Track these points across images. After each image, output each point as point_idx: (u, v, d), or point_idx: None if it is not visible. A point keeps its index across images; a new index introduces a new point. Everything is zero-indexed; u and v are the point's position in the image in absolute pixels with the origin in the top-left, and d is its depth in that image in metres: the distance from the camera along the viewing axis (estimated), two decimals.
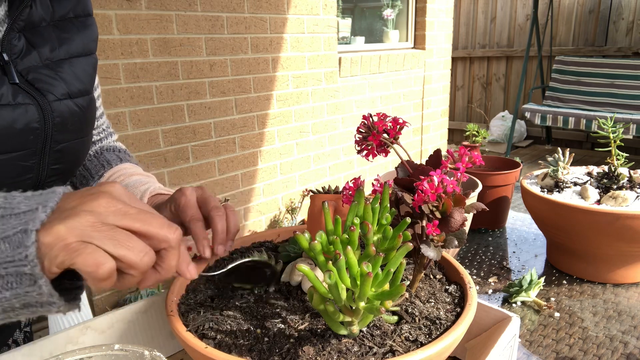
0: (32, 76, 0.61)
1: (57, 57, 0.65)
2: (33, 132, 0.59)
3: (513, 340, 0.66)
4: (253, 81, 2.86)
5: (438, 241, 0.59)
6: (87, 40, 0.70)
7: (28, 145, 0.60)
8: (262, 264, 0.66)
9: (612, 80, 4.80)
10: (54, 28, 0.66)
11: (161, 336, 0.73)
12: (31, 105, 0.59)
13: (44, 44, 0.63)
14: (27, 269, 0.39)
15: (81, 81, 0.68)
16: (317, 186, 3.39)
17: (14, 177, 0.60)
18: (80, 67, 0.68)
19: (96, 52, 0.74)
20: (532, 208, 1.11)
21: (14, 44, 0.60)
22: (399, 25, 4.02)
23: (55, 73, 0.64)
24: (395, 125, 0.68)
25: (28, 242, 0.38)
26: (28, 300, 0.41)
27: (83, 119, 0.68)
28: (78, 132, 0.68)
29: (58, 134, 0.64)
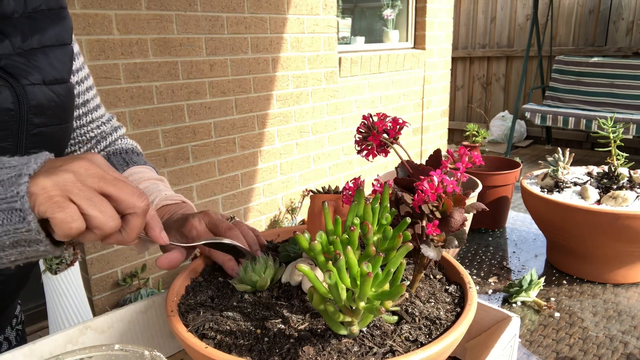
0: (4, 62, 0.63)
1: (29, 46, 0.67)
2: (7, 113, 0.62)
3: (513, 340, 0.66)
4: (253, 81, 2.86)
5: (438, 241, 0.59)
6: (60, 31, 0.72)
7: (3, 127, 0.62)
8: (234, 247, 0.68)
9: (612, 80, 4.80)
10: (27, 19, 0.68)
11: (161, 336, 0.73)
12: (5, 88, 0.62)
13: (15, 33, 0.65)
14: (18, 204, 0.43)
15: (57, 70, 0.69)
16: (317, 186, 3.39)
17: None
18: (55, 56, 0.70)
19: (72, 43, 0.76)
20: (532, 208, 1.11)
21: None
22: (399, 25, 4.02)
23: (28, 61, 0.66)
24: (395, 125, 0.68)
25: (21, 181, 0.43)
26: (17, 237, 0.44)
27: (61, 105, 0.70)
28: (56, 118, 0.70)
29: (35, 118, 0.66)
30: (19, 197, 0.43)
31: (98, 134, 0.87)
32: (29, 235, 0.44)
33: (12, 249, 0.45)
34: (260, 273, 0.65)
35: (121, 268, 2.46)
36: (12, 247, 0.45)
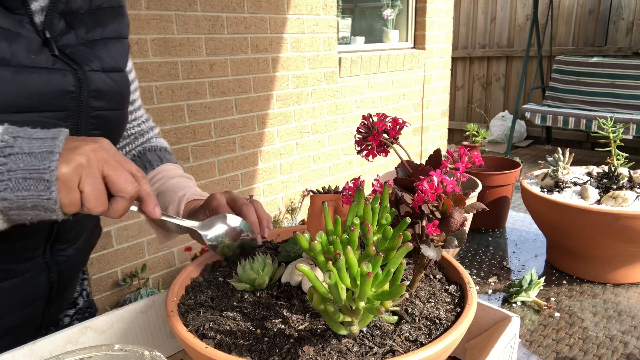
0: (69, 50, 0.71)
1: (91, 38, 0.75)
2: (69, 95, 0.68)
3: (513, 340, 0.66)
4: (253, 81, 2.86)
5: (438, 241, 0.59)
6: (119, 26, 0.80)
7: (65, 107, 0.69)
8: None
9: (612, 80, 4.80)
10: (91, 15, 0.76)
11: (161, 336, 0.73)
12: (68, 72, 0.68)
13: (80, 26, 0.73)
14: (47, 176, 0.52)
15: (114, 59, 0.77)
16: (317, 186, 3.39)
17: None
18: (113, 48, 0.78)
19: (128, 37, 0.84)
20: (532, 208, 1.11)
21: (55, 24, 0.70)
22: (399, 25, 4.02)
23: (90, 50, 0.73)
24: (395, 125, 0.68)
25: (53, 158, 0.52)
26: (38, 202, 0.52)
27: (118, 92, 0.78)
28: (114, 103, 0.77)
29: (94, 101, 0.72)
30: (49, 170, 0.52)
31: (137, 132, 0.95)
32: (47, 203, 0.52)
33: (30, 211, 0.53)
34: (258, 271, 0.66)
35: (121, 268, 2.46)
36: (31, 209, 0.53)
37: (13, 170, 0.51)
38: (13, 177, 0.51)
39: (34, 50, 0.65)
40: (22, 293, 0.74)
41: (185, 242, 2.67)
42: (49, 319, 0.84)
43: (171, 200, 0.83)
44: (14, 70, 0.62)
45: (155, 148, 0.95)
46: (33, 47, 0.65)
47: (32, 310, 0.78)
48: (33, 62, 0.64)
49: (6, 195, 0.51)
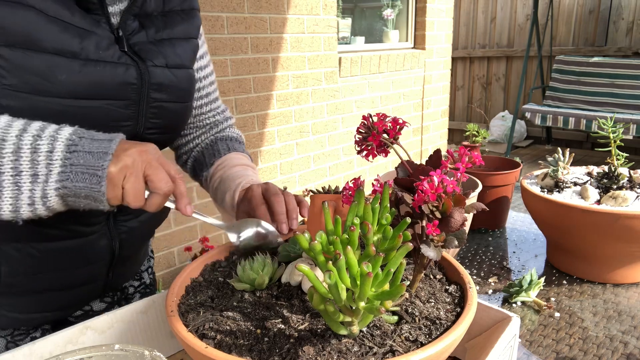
0: (138, 48, 0.79)
1: (160, 37, 0.82)
2: (130, 86, 0.76)
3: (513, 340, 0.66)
4: (253, 81, 2.86)
5: (438, 241, 0.59)
6: (188, 27, 0.87)
7: (126, 96, 0.76)
8: None
9: (612, 80, 4.80)
10: (162, 17, 0.84)
11: (161, 336, 0.73)
12: (131, 66, 0.76)
13: (151, 26, 0.81)
14: (100, 172, 0.61)
15: (179, 57, 0.84)
16: (317, 186, 3.39)
17: (116, 121, 0.77)
18: (180, 47, 0.85)
19: (197, 38, 0.91)
20: (532, 208, 1.11)
21: (129, 25, 0.78)
22: (399, 25, 4.02)
23: (157, 48, 0.81)
24: (395, 126, 0.68)
25: (107, 158, 0.62)
26: (90, 193, 0.62)
27: (180, 87, 0.85)
28: (175, 97, 0.84)
29: (154, 93, 0.80)
30: (102, 168, 0.61)
31: (212, 122, 1.04)
32: (97, 195, 0.62)
33: (84, 199, 0.63)
34: (258, 271, 0.66)
35: None
36: (84, 198, 0.62)
37: (74, 165, 0.61)
38: (74, 170, 0.61)
39: (103, 46, 0.73)
40: (85, 253, 0.83)
41: (186, 242, 2.67)
42: (112, 284, 0.93)
43: (228, 188, 0.90)
44: (82, 63, 0.70)
45: (226, 137, 1.03)
46: (103, 43, 0.73)
47: (94, 270, 0.87)
48: (100, 57, 0.73)
49: (67, 184, 0.61)
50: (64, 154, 0.61)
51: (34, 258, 0.79)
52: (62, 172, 0.61)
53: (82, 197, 0.62)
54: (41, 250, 0.79)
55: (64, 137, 0.62)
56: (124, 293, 1.00)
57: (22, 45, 0.66)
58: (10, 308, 0.82)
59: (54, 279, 0.83)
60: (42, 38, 0.67)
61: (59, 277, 0.83)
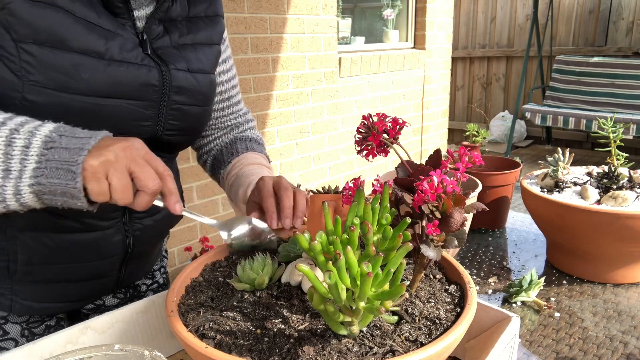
0: (161, 52, 0.81)
1: (183, 42, 0.84)
2: (152, 88, 0.78)
3: (513, 340, 0.66)
4: (253, 81, 2.86)
5: (438, 241, 0.59)
6: (211, 33, 0.89)
7: (147, 97, 0.78)
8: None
9: (612, 80, 4.80)
10: (187, 22, 0.86)
11: (161, 336, 0.73)
12: (154, 68, 0.78)
13: (175, 32, 0.84)
14: (74, 168, 0.59)
15: (202, 62, 0.86)
16: (317, 186, 3.39)
17: (136, 121, 0.78)
18: (203, 52, 0.87)
19: (220, 44, 0.92)
20: (532, 208, 1.11)
21: (153, 29, 0.81)
22: (399, 25, 4.02)
23: (179, 52, 0.83)
24: (395, 126, 0.68)
25: (82, 153, 0.60)
26: (65, 190, 0.60)
27: (201, 90, 0.86)
28: (196, 100, 0.85)
29: (175, 95, 0.81)
30: (77, 164, 0.60)
31: (233, 124, 1.06)
32: (73, 191, 0.60)
33: (60, 197, 0.61)
34: (258, 271, 0.66)
35: None
36: (60, 195, 0.61)
37: (50, 160, 0.60)
38: (48, 165, 0.60)
39: (127, 48, 0.75)
40: (99, 247, 0.84)
41: (186, 242, 2.67)
42: (124, 280, 0.94)
43: (242, 184, 0.91)
44: (106, 63, 0.72)
45: (245, 138, 1.04)
46: (127, 45, 0.75)
47: (107, 265, 0.88)
48: (124, 58, 0.74)
49: (41, 180, 0.60)
50: (40, 149, 0.61)
51: (49, 248, 0.80)
52: (36, 169, 0.60)
53: (57, 194, 0.61)
54: (56, 241, 0.80)
55: (42, 134, 0.62)
56: (136, 290, 1.02)
57: (50, 44, 0.68)
58: (25, 296, 0.84)
59: (67, 270, 0.84)
60: (69, 38, 0.69)
61: (73, 268, 0.85)
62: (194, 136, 0.93)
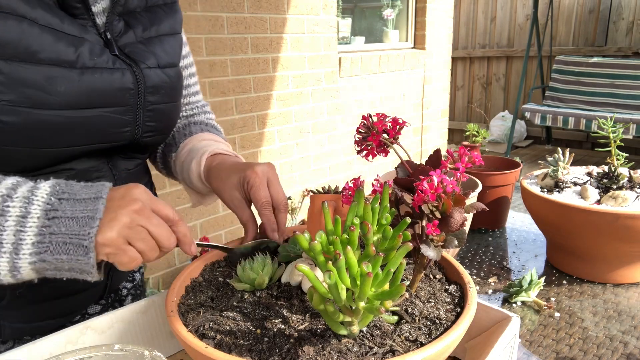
0: (128, 49, 0.77)
1: (148, 35, 0.80)
2: (128, 92, 0.74)
3: (513, 340, 0.66)
4: (253, 81, 2.86)
5: (438, 241, 0.59)
6: (173, 22, 0.85)
7: (124, 102, 0.74)
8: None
9: (612, 80, 4.80)
10: (146, 13, 0.82)
11: (161, 336, 0.73)
12: (127, 70, 0.74)
13: (138, 25, 0.79)
14: (86, 242, 0.54)
15: (169, 55, 0.82)
16: (317, 186, 3.39)
17: (115, 128, 0.75)
18: (168, 44, 0.83)
19: (181, 32, 0.89)
20: (532, 208, 1.11)
21: (115, 25, 0.76)
22: (399, 25, 4.02)
23: (147, 48, 0.79)
24: (395, 126, 0.68)
25: (93, 224, 0.54)
26: (75, 265, 0.55)
27: (172, 86, 0.83)
28: (168, 97, 0.82)
29: (150, 96, 0.78)
30: (89, 237, 0.54)
31: (190, 114, 1.00)
32: (85, 267, 0.55)
33: (67, 272, 0.56)
34: (258, 271, 0.66)
35: None
36: (68, 271, 0.56)
37: (55, 234, 0.54)
38: (54, 240, 0.54)
39: (96, 52, 0.71)
40: None
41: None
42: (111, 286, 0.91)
43: (194, 156, 0.86)
44: (79, 72, 0.68)
45: (201, 122, 0.99)
46: (96, 50, 0.71)
47: None
48: (96, 64, 0.70)
49: (45, 257, 0.54)
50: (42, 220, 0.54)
51: None
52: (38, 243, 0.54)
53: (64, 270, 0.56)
54: None
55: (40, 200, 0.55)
56: (117, 295, 0.97)
57: (18, 58, 0.63)
58: (14, 319, 0.80)
59: (56, 287, 0.79)
60: (37, 49, 0.64)
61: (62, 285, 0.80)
62: (168, 134, 0.90)
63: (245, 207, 0.77)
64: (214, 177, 0.81)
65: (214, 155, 0.85)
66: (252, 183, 0.75)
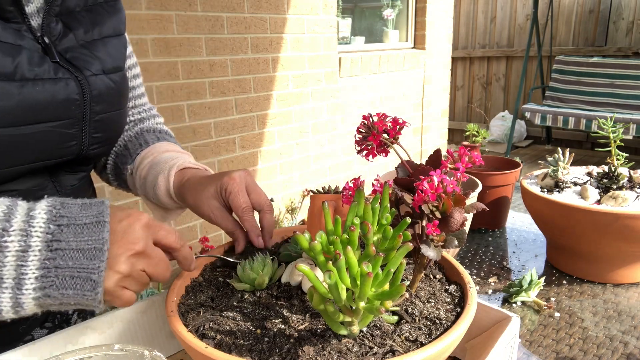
0: (70, 55, 0.70)
1: (91, 38, 0.74)
2: (73, 103, 0.69)
3: (513, 340, 0.66)
4: (253, 81, 2.86)
5: (438, 241, 0.59)
6: (117, 22, 0.79)
7: (70, 115, 0.69)
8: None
9: (612, 80, 4.80)
10: (87, 12, 0.75)
11: (161, 336, 0.73)
12: (70, 80, 0.68)
13: (78, 26, 0.73)
14: (95, 276, 0.51)
15: (114, 59, 0.76)
16: (317, 186, 3.39)
17: (61, 144, 0.69)
18: (112, 46, 0.77)
19: (125, 32, 0.83)
20: (532, 208, 1.11)
21: (53, 27, 0.70)
22: (399, 25, 4.02)
23: (90, 52, 0.73)
24: (395, 125, 0.68)
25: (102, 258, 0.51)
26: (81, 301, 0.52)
27: (118, 92, 0.77)
28: (114, 104, 0.77)
29: (96, 105, 0.73)
30: (98, 271, 0.51)
31: (137, 119, 0.94)
32: (92, 302, 0.52)
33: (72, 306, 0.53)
34: (258, 271, 0.66)
35: None
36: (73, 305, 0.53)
37: (61, 268, 0.50)
38: (60, 274, 0.50)
39: (35, 61, 0.64)
40: None
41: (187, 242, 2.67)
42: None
43: (162, 170, 0.80)
44: (19, 85, 0.62)
45: (154, 129, 0.93)
46: (35, 58, 0.65)
47: None
48: (36, 74, 0.64)
49: (51, 292, 0.50)
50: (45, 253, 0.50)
51: None
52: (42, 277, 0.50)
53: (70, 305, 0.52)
54: None
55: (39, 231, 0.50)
56: (64, 315, 0.87)
57: None
58: None
59: None
60: None
61: None
62: (114, 143, 0.84)
63: (227, 215, 0.73)
64: (188, 191, 0.76)
65: (183, 170, 0.80)
66: (230, 189, 0.71)
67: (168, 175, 0.78)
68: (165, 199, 0.80)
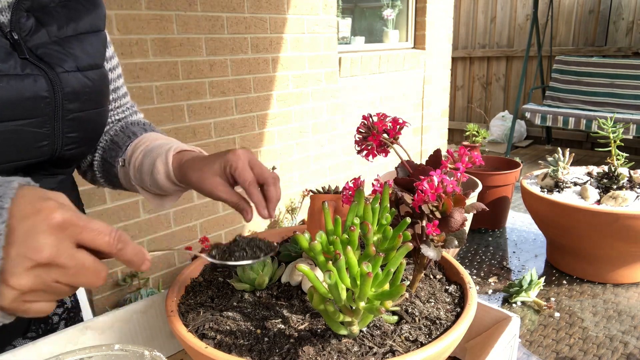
0: (41, 51, 0.67)
1: (64, 35, 0.71)
2: (43, 101, 0.66)
3: (513, 340, 0.66)
4: (253, 81, 2.86)
5: (438, 241, 0.59)
6: (94, 18, 0.76)
7: (40, 113, 0.66)
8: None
9: (612, 80, 4.80)
10: (62, 8, 0.72)
11: (161, 336, 0.73)
12: (40, 76, 0.66)
13: (52, 22, 0.70)
14: None
15: (91, 56, 0.73)
16: (317, 186, 3.39)
17: (31, 143, 0.67)
18: (89, 43, 0.74)
19: (105, 29, 0.80)
20: (532, 208, 1.11)
21: (23, 23, 0.66)
22: (399, 25, 4.02)
23: (63, 49, 0.70)
24: (395, 125, 0.68)
25: None
26: None
27: (96, 90, 0.74)
28: (92, 103, 0.74)
29: (69, 104, 0.70)
30: None
31: (121, 118, 0.93)
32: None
33: None
34: (258, 271, 0.66)
35: (121, 268, 2.46)
36: None
37: None
38: None
39: (1, 57, 0.62)
40: None
41: (186, 241, 2.67)
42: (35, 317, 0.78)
43: (159, 154, 0.78)
44: None
45: (139, 122, 0.91)
46: (0, 54, 0.62)
47: None
48: (1, 71, 0.62)
49: None
50: None
51: None
52: None
53: None
54: None
55: None
56: (47, 324, 0.85)
57: None
58: None
59: None
60: None
61: None
62: (94, 144, 0.81)
63: (231, 190, 0.71)
64: (191, 170, 0.73)
65: (180, 153, 0.78)
66: (235, 165, 0.69)
67: (166, 158, 0.76)
68: (165, 182, 0.78)
